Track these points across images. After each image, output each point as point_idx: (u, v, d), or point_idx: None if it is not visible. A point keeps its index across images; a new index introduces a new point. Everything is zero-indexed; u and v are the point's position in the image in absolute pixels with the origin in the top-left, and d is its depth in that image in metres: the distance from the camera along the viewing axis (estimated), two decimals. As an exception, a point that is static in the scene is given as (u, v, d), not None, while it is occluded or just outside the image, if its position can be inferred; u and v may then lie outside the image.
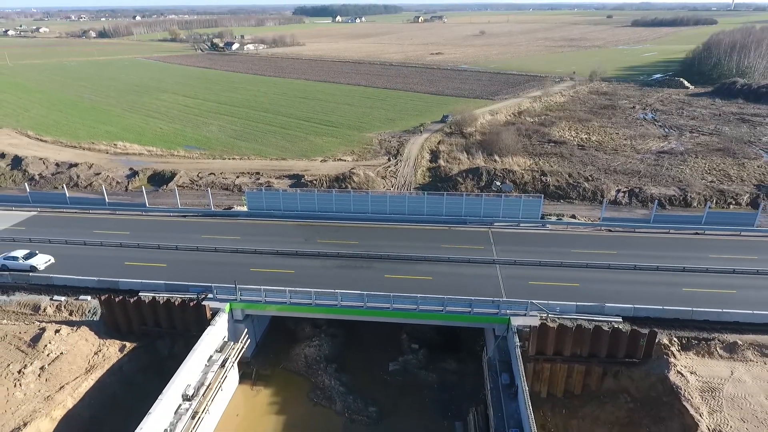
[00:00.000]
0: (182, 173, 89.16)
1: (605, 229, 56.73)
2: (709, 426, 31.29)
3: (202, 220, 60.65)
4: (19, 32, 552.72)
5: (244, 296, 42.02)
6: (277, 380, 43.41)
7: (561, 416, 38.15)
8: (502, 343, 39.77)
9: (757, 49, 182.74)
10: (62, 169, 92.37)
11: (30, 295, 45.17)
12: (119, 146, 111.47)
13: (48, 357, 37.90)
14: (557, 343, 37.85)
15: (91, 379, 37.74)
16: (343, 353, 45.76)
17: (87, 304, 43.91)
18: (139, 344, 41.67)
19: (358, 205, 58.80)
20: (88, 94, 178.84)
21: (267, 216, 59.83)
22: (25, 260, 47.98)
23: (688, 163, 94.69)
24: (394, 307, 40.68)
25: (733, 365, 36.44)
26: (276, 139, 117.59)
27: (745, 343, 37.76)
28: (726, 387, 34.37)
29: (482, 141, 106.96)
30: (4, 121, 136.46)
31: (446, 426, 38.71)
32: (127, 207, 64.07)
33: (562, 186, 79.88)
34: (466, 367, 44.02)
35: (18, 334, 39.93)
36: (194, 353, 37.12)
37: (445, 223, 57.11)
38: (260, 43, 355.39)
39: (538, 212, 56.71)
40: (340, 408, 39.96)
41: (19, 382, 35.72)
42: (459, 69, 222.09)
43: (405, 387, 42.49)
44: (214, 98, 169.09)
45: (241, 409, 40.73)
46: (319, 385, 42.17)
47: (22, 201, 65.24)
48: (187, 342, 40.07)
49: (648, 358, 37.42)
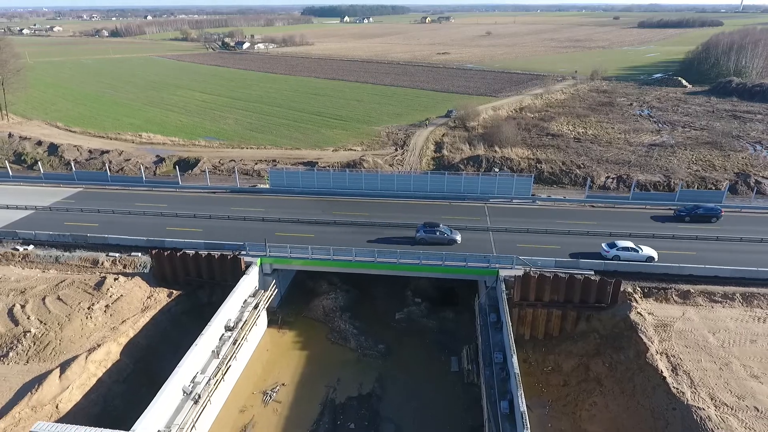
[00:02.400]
0: (205, 159, 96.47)
1: (589, 205, 63.68)
2: (657, 350, 38.19)
3: (230, 195, 68.26)
4: (34, 31, 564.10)
5: (272, 252, 49.33)
6: (300, 325, 50.73)
7: (541, 353, 45.09)
8: (491, 292, 46.79)
9: (754, 50, 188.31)
10: (95, 155, 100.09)
11: (88, 252, 52.78)
12: (143, 136, 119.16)
13: (110, 298, 45.34)
14: (538, 291, 44.80)
15: (146, 317, 45.12)
16: (355, 305, 52.92)
17: (138, 260, 51.42)
18: (183, 292, 49.07)
19: (368, 184, 66.06)
20: (108, 90, 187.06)
21: (287, 192, 67.27)
22: None
23: (677, 155, 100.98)
24: (401, 261, 47.86)
25: (685, 308, 43.33)
26: (289, 132, 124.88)
27: (696, 291, 44.64)
28: (676, 324, 41.25)
29: (484, 134, 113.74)
30: (33, 113, 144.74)
31: (443, 360, 45.80)
32: (162, 185, 71.74)
33: (555, 172, 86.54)
34: (461, 316, 51.06)
35: (84, 281, 47.43)
36: (233, 295, 44.38)
37: (446, 199, 64.25)
38: (270, 42, 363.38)
39: (529, 190, 63.73)
40: (354, 345, 47.19)
41: (90, 315, 43.16)
42: (464, 68, 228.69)
43: (409, 331, 49.63)
44: (229, 94, 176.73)
45: (270, 346, 48.04)
46: (336, 329, 49.39)
47: (68, 179, 73.00)
48: (223, 291, 47.18)
49: (614, 303, 44.31)
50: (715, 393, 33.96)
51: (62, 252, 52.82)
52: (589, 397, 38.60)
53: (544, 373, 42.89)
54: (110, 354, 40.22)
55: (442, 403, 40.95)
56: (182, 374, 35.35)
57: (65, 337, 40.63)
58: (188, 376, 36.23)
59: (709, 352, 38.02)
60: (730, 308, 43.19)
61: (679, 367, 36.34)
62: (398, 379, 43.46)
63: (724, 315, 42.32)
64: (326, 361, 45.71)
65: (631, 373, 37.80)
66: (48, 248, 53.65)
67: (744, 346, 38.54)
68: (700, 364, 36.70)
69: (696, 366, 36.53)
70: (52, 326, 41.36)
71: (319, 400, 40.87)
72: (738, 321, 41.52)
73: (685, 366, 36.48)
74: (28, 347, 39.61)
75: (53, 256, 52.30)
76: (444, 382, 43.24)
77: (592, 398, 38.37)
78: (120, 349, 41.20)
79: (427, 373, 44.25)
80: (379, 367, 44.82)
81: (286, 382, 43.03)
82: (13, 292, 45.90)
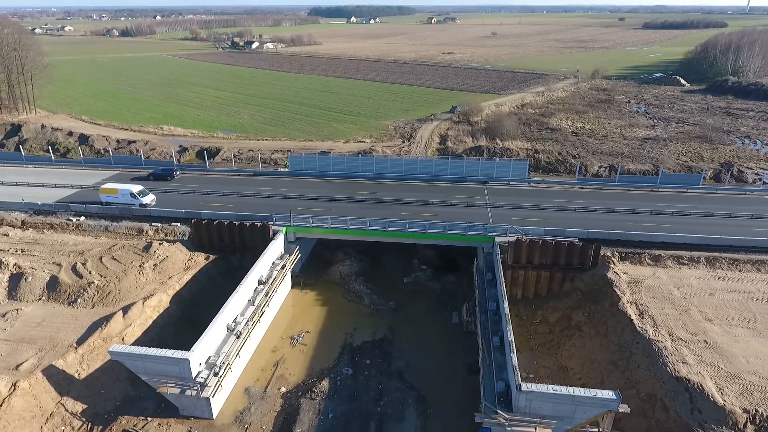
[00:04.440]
0: (225, 149, 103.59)
1: (578, 186, 70.24)
2: (628, 300, 44.76)
3: (253, 177, 75.39)
4: (46, 30, 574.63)
5: (296, 222, 56.24)
6: (319, 287, 57.72)
7: (531, 310, 51.74)
8: (488, 257, 53.44)
9: (751, 50, 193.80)
10: (122, 144, 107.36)
11: (133, 222, 59.89)
12: (165, 129, 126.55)
13: (157, 258, 52.33)
14: (528, 255, 51.42)
15: (188, 275, 52.12)
16: (368, 271, 59.75)
17: (177, 229, 58.47)
18: (218, 256, 56.06)
19: (379, 167, 72.95)
20: (125, 87, 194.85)
21: (305, 175, 74.31)
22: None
23: (668, 148, 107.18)
24: (409, 230, 54.65)
25: (655, 269, 49.90)
26: (302, 125, 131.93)
27: (667, 255, 51.18)
28: (647, 281, 47.81)
29: (486, 128, 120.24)
30: (58, 108, 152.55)
31: (445, 314, 52.61)
32: (192, 168, 78.82)
33: (551, 162, 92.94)
34: (461, 280, 57.78)
35: (133, 245, 54.48)
36: (263, 257, 51.25)
37: (449, 181, 71.04)
38: (279, 42, 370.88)
39: (525, 173, 70.38)
40: (367, 302, 54.08)
41: (141, 272, 50.19)
42: (469, 67, 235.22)
43: (416, 293, 56.47)
44: (242, 91, 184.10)
45: (294, 303, 55.08)
46: (351, 290, 56.27)
47: (106, 163, 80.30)
48: (253, 256, 53.90)
49: (595, 265, 50.86)
50: (673, 331, 40.53)
51: (110, 222, 60.01)
52: (570, 340, 45.28)
53: (533, 325, 49.58)
54: (161, 302, 47.28)
55: (444, 346, 47.73)
56: (226, 314, 42.28)
57: (123, 288, 47.69)
58: (231, 316, 43.18)
59: (672, 302, 44.56)
60: (695, 269, 49.69)
61: (645, 312, 42.93)
62: (407, 328, 50.32)
63: (689, 274, 48.84)
64: (344, 314, 52.62)
65: (605, 319, 44.41)
66: (97, 219, 60.88)
67: (703, 298, 45.06)
68: (663, 311, 43.26)
69: (659, 312, 43.09)
70: (111, 279, 48.39)
71: (339, 344, 47.79)
72: (701, 279, 48.02)
73: (650, 311, 43.05)
74: (92, 295, 46.71)
75: (102, 225, 59.48)
76: (446, 331, 50.06)
77: (572, 341, 45.05)
78: (169, 299, 48.24)
79: (432, 324, 51.11)
80: (390, 319, 51.72)
81: (309, 330, 50.02)
82: (73, 253, 53.05)
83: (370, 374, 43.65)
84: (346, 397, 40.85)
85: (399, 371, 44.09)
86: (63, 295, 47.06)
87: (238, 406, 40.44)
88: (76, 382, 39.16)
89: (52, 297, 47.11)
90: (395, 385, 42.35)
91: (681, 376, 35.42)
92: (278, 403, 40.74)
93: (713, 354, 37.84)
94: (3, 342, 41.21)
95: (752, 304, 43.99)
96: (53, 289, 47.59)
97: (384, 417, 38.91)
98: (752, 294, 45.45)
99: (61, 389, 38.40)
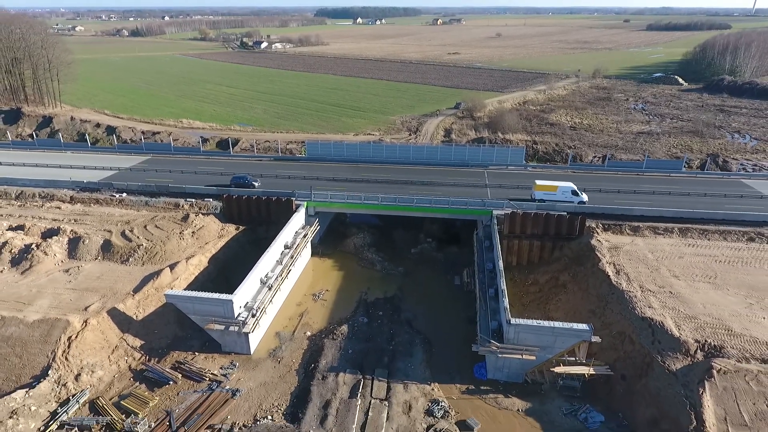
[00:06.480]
0: (243, 140, 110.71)
1: (571, 171, 76.86)
2: (607, 261, 51.44)
3: (274, 162, 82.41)
4: (57, 30, 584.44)
5: (316, 197, 63.26)
6: (336, 256, 64.81)
7: (524, 274, 58.47)
8: (486, 228, 60.22)
9: (747, 51, 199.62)
10: (147, 135, 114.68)
11: (170, 198, 67.07)
12: (184, 122, 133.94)
13: (195, 227, 59.44)
14: (522, 225, 58.22)
15: (222, 242, 59.21)
16: (379, 243, 66.76)
17: (210, 204, 65.63)
18: (246, 227, 63.12)
19: (389, 153, 79.95)
20: (142, 84, 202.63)
21: (321, 160, 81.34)
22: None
23: (661, 141, 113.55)
24: (416, 204, 61.56)
25: (633, 238, 56.58)
26: (313, 120, 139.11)
27: (644, 226, 57.84)
28: (625, 246, 54.50)
29: (489, 122, 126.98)
30: (81, 103, 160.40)
31: (448, 279, 59.49)
32: (217, 153, 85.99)
33: (549, 152, 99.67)
34: (463, 250, 64.57)
35: (172, 216, 61.66)
36: (288, 226, 58.24)
37: (453, 165, 77.88)
38: (287, 42, 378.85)
39: (522, 158, 77.12)
40: (379, 268, 61.09)
41: (182, 238, 57.28)
42: (473, 67, 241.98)
43: (422, 261, 63.40)
44: (254, 88, 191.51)
45: (314, 268, 62.20)
46: (365, 258, 63.32)
47: (138, 149, 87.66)
48: (277, 227, 60.70)
49: (581, 235, 57.57)
50: (644, 284, 47.20)
51: (149, 198, 67.19)
52: (556, 296, 52.07)
53: (525, 286, 56.36)
54: (201, 262, 54.39)
55: (447, 302, 54.66)
56: (260, 269, 49.29)
57: (167, 250, 54.81)
58: (263, 271, 50.20)
59: (646, 263, 51.22)
60: (669, 238, 56.35)
61: (621, 271, 49.62)
62: (414, 289, 57.30)
63: (663, 242, 55.50)
64: (358, 277, 59.65)
65: (587, 277, 51.12)
66: (138, 195, 68.07)
67: (673, 260, 51.70)
68: (637, 269, 49.94)
69: (634, 270, 49.76)
70: (156, 242, 55.53)
71: (355, 299, 54.83)
72: (673, 246, 54.67)
73: (625, 270, 49.73)
74: (142, 255, 53.86)
75: (143, 200, 66.67)
76: (449, 292, 57.04)
77: (558, 296, 51.84)
78: (207, 260, 55.36)
79: (436, 286, 58.07)
80: (400, 281, 58.70)
81: (329, 289, 57.13)
82: (120, 222, 60.28)
83: (383, 322, 50.57)
84: (362, 338, 47.78)
85: (408, 320, 51.03)
86: (116, 255, 54.23)
87: (270, 345, 47.50)
88: (135, 323, 46.27)
89: (107, 257, 54.31)
90: (404, 330, 49.28)
91: (646, 316, 42.14)
92: (305, 344, 47.76)
93: (675, 301, 44.50)
94: (71, 290, 48.40)
95: (715, 265, 50.62)
96: (107, 251, 54.77)
97: (395, 353, 45.78)
98: (717, 257, 52.07)
99: (123, 327, 45.52)
